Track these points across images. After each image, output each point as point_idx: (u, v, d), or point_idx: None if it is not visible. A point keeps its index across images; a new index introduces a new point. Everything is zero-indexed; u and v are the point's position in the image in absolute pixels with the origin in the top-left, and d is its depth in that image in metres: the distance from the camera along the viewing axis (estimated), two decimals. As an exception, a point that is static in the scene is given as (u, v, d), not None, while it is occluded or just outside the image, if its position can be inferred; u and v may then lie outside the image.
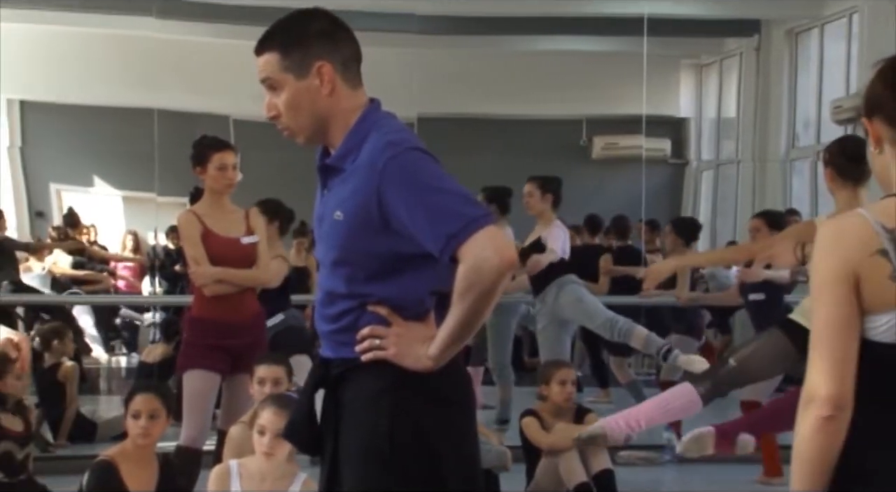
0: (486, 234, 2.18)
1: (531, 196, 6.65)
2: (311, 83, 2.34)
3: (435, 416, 2.31)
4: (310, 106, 2.35)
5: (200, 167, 4.86)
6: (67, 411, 6.89)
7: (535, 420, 5.46)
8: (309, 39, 2.34)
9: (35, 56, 12.08)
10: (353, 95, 2.38)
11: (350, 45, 2.40)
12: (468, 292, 2.20)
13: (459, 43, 11.78)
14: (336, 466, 2.37)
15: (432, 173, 2.25)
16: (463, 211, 2.19)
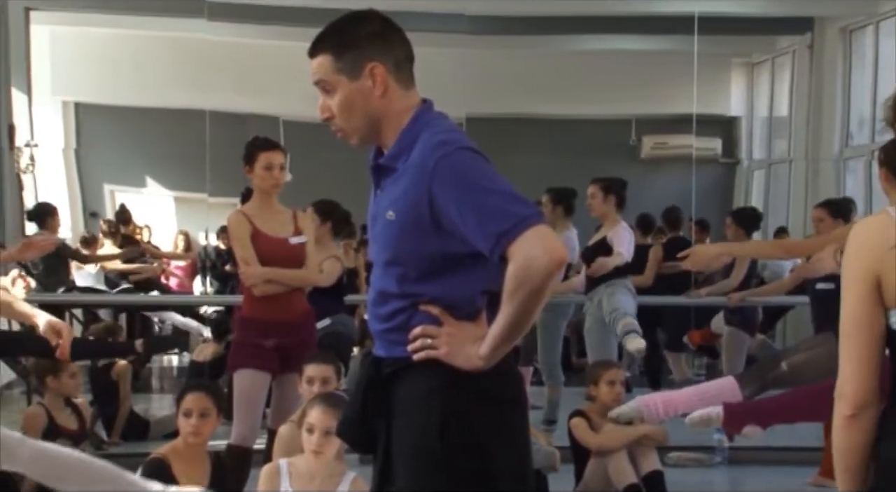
0: (535, 233, 2.18)
1: (594, 198, 6.61)
2: (363, 84, 2.36)
3: (486, 415, 2.31)
4: (363, 107, 2.37)
5: (248, 166, 4.90)
6: (121, 409, 6.98)
7: (584, 421, 5.44)
8: (361, 41, 2.36)
9: (89, 59, 12.26)
10: (405, 96, 2.40)
11: (402, 46, 2.41)
12: (517, 291, 2.20)
13: (509, 43, 11.76)
14: (388, 464, 2.38)
15: (482, 173, 2.26)
16: (513, 210, 2.20)
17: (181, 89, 11.90)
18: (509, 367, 2.40)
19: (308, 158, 9.93)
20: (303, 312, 5.04)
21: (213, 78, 11.20)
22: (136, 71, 12.19)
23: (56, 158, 12.52)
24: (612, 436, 5.33)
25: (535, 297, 2.21)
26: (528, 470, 2.39)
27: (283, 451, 4.32)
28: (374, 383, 2.41)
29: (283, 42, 11.53)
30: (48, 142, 11.98)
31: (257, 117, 11.87)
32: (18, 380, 8.14)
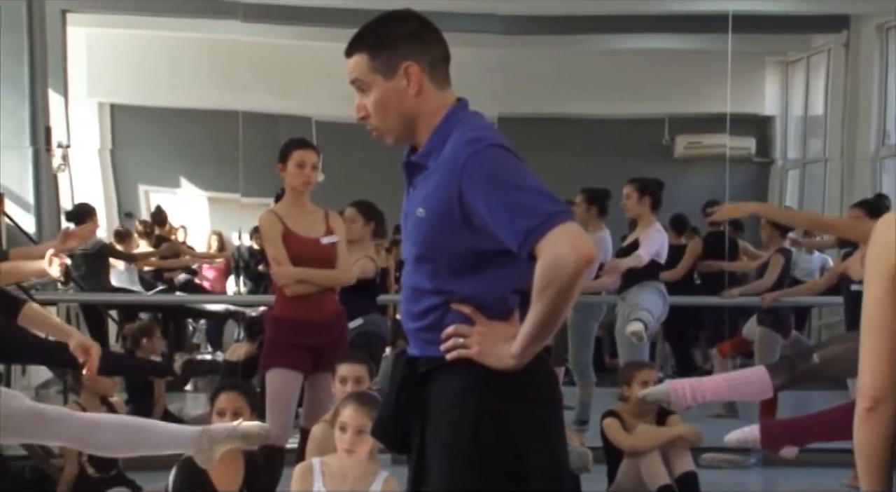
0: (563, 230, 2.17)
1: (629, 198, 6.59)
2: (398, 83, 2.38)
3: (519, 414, 2.30)
4: (397, 106, 2.39)
5: (282, 164, 4.93)
6: (155, 408, 7.03)
7: (617, 421, 5.42)
8: (397, 40, 2.38)
9: (125, 61, 12.35)
10: (440, 95, 2.41)
11: (438, 46, 2.43)
12: (546, 289, 2.19)
13: (541, 43, 11.74)
14: (422, 464, 2.39)
15: (512, 170, 2.25)
16: (542, 207, 2.19)
17: (215, 90, 11.97)
18: (543, 366, 2.39)
19: (340, 159, 9.97)
20: (334, 311, 5.06)
21: (247, 79, 11.26)
22: (171, 72, 12.27)
23: (92, 158, 12.64)
24: (645, 437, 5.31)
25: (563, 295, 2.19)
26: (562, 470, 2.38)
27: (316, 450, 4.34)
28: (409, 383, 2.41)
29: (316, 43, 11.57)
30: (84, 143, 12.10)
31: (290, 118, 11.92)
32: (55, 379, 8.22)
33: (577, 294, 2.22)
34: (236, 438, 3.59)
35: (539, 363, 2.35)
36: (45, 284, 8.85)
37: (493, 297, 2.34)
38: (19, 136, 9.11)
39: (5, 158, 8.77)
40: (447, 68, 2.45)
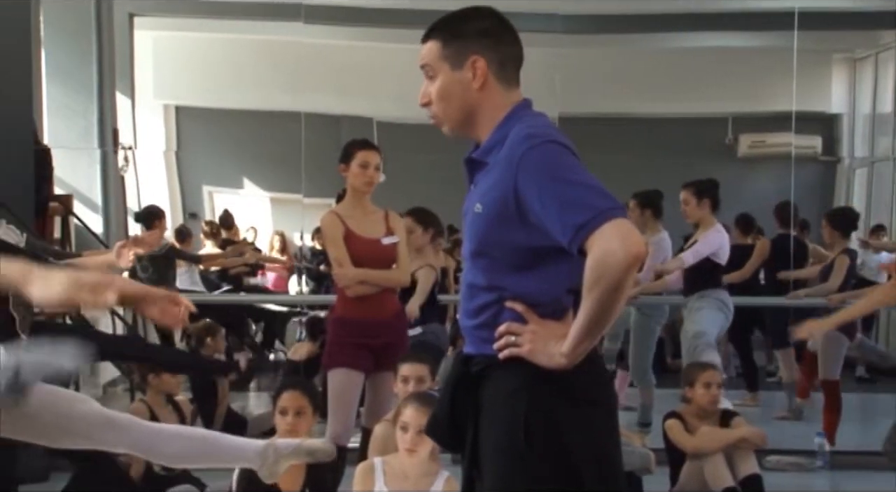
0: (613, 226, 2.15)
1: (687, 204, 6.51)
2: (464, 75, 2.42)
3: (571, 414, 2.30)
4: (460, 97, 2.43)
5: (344, 164, 4.96)
6: (219, 406, 7.11)
7: (679, 423, 5.37)
8: (470, 34, 2.43)
9: (189, 63, 12.52)
10: (505, 94, 2.43)
11: (511, 46, 2.46)
12: (595, 286, 2.17)
13: (603, 42, 11.68)
14: (475, 462, 2.40)
15: (567, 165, 2.26)
16: (593, 203, 2.18)
17: (278, 91, 12.07)
18: (596, 367, 2.38)
19: (401, 159, 9.99)
20: (395, 311, 5.07)
21: (309, 80, 11.34)
22: (235, 74, 12.41)
23: (157, 160, 12.83)
24: (708, 438, 5.26)
25: (612, 292, 2.17)
26: (616, 471, 2.36)
27: (377, 450, 4.36)
28: (463, 381, 2.43)
29: (378, 44, 11.62)
30: (149, 144, 12.28)
31: (351, 119, 11.99)
32: (122, 377, 8.35)
33: (626, 292, 2.20)
34: (301, 453, 3.61)
35: (591, 364, 2.33)
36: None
37: (547, 295, 2.34)
38: (87, 138, 9.27)
39: (74, 160, 8.93)
40: (517, 70, 2.47)
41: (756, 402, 8.41)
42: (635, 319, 7.29)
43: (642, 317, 7.20)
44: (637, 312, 7.28)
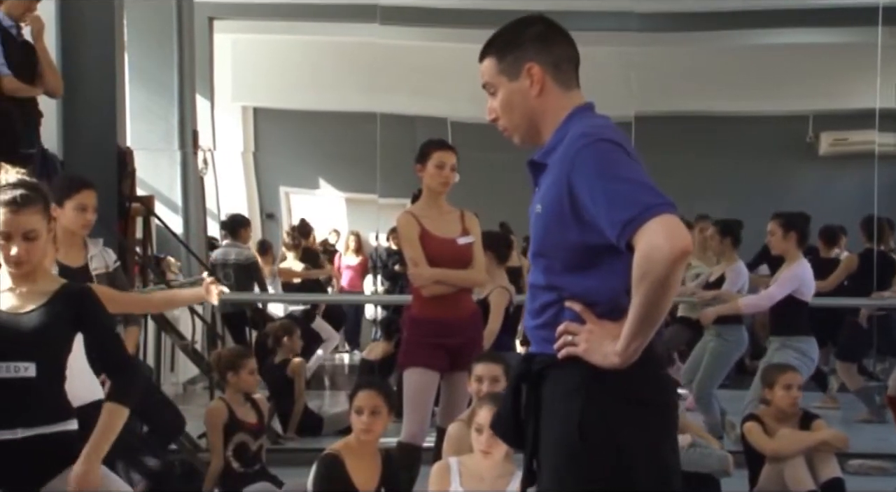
0: (660, 221, 2.15)
1: (773, 235, 6.28)
2: (522, 84, 2.45)
3: (625, 413, 2.30)
4: (521, 106, 2.46)
5: (421, 164, 4.97)
6: (296, 405, 7.18)
7: (758, 425, 5.30)
8: (521, 43, 2.45)
9: (267, 65, 12.67)
10: (564, 96, 2.45)
11: (564, 48, 2.47)
12: (641, 282, 2.17)
13: (679, 40, 11.55)
14: (535, 459, 2.43)
15: (618, 162, 2.27)
16: (640, 199, 2.18)
17: (353, 92, 12.16)
18: (652, 367, 2.36)
19: (476, 159, 9.98)
20: (471, 311, 5.07)
21: (385, 81, 11.40)
22: (311, 75, 12.53)
23: (235, 161, 13.01)
24: (787, 441, 5.18)
25: (659, 287, 2.16)
26: (672, 474, 2.35)
27: (452, 449, 4.36)
28: (525, 380, 2.46)
29: (453, 44, 11.63)
30: (228, 146, 12.46)
31: (426, 119, 12.02)
32: (201, 376, 8.49)
33: (674, 287, 2.18)
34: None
35: (647, 364, 2.31)
36: (193, 283, 9.16)
37: (604, 294, 2.34)
38: (168, 139, 9.43)
39: (155, 161, 9.10)
40: (574, 70, 2.48)
41: (836, 404, 8.26)
42: (713, 345, 7.09)
43: (721, 343, 7.02)
44: (717, 339, 7.07)
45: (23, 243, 3.07)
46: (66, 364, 3.18)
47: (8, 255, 3.09)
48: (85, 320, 3.19)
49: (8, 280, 3.14)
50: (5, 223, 3.07)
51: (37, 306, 3.11)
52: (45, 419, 3.09)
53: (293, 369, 7.18)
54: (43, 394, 3.10)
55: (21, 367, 3.04)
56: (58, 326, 3.12)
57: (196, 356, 7.62)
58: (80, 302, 3.18)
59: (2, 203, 3.09)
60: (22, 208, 3.08)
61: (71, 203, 4.39)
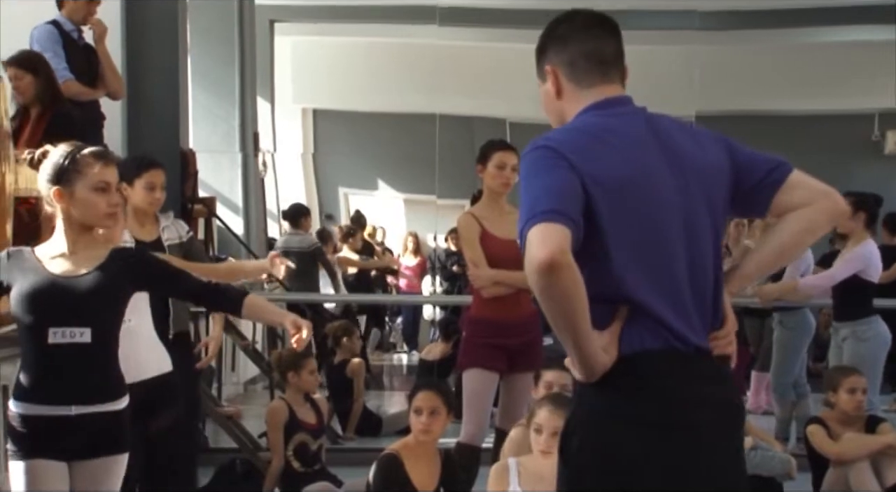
0: (533, 231, 2.09)
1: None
2: (548, 87, 2.41)
3: (592, 426, 2.26)
4: (550, 109, 2.43)
5: (481, 165, 4.97)
6: (355, 405, 7.21)
7: (822, 428, 5.21)
8: (545, 45, 2.42)
9: (327, 67, 12.76)
10: (581, 94, 2.37)
11: (582, 43, 2.37)
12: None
13: (742, 38, 11.43)
14: None
15: (538, 170, 2.19)
16: (532, 207, 2.12)
17: (412, 94, 12.20)
18: (626, 381, 2.21)
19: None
20: (530, 313, 5.05)
21: (443, 82, 11.42)
22: (370, 77, 12.59)
23: (295, 162, 13.12)
24: (852, 445, 5.10)
25: (541, 299, 2.10)
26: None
27: (511, 453, 4.35)
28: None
29: (511, 44, 11.59)
30: (288, 147, 12.56)
31: (484, 119, 12.03)
32: (262, 375, 8.56)
33: (554, 296, 2.07)
34: None
35: (620, 378, 2.20)
36: (252, 283, 9.25)
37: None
38: (230, 141, 9.53)
39: (217, 163, 9.19)
40: (596, 64, 2.36)
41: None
42: (777, 334, 7.00)
43: (784, 332, 6.93)
44: (779, 327, 6.99)
45: (116, 194, 3.15)
46: (119, 334, 3.20)
47: (107, 205, 3.13)
48: (143, 274, 3.24)
49: (62, 245, 3.16)
50: (103, 173, 3.12)
51: (91, 269, 3.13)
52: (99, 396, 3.12)
53: (353, 369, 7.21)
54: (97, 363, 3.11)
55: (77, 332, 3.06)
56: (113, 287, 3.14)
57: (257, 356, 7.69)
58: (131, 260, 3.22)
59: (93, 156, 3.13)
60: (111, 162, 3.16)
61: (140, 182, 4.50)
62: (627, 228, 2.20)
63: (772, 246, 2.38)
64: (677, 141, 2.32)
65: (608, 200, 2.18)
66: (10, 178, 4.83)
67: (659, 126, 2.33)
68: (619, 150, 2.25)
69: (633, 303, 2.20)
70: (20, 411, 3.10)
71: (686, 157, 2.30)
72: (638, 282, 2.20)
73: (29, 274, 3.10)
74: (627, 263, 2.20)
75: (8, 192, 4.80)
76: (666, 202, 2.25)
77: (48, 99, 5.39)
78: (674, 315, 2.22)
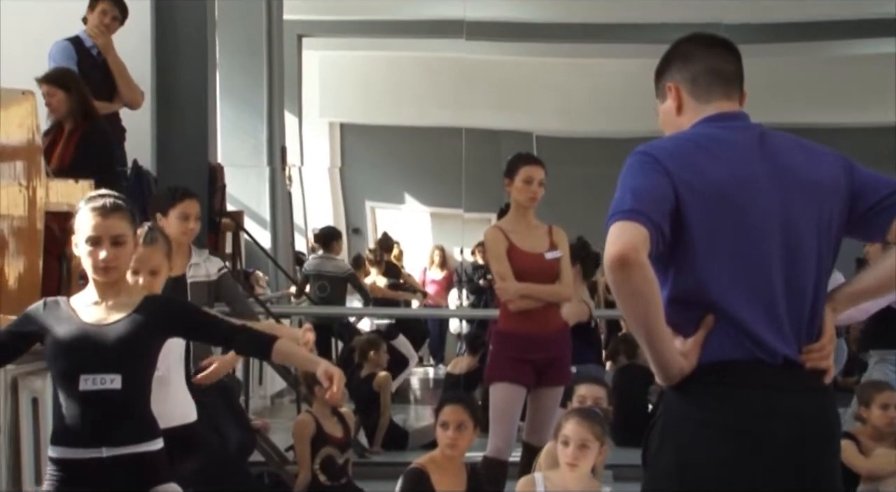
0: (611, 230, 2.16)
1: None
2: (668, 105, 2.47)
3: (672, 429, 2.29)
4: (670, 125, 2.47)
5: (509, 179, 4.98)
6: (381, 419, 7.21)
7: (853, 444, 5.17)
8: (666, 65, 2.49)
9: (354, 82, 12.81)
10: (700, 109, 2.43)
11: (704, 60, 2.45)
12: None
13: (770, 51, 11.38)
14: None
15: (632, 173, 2.26)
16: (616, 207, 2.20)
17: (439, 108, 12.22)
18: (711, 386, 2.26)
19: (560, 173, 9.93)
20: (558, 326, 5.05)
21: (470, 96, 11.45)
22: (397, 91, 12.64)
23: (322, 176, 13.17)
24: (884, 461, 5.05)
25: (616, 293, 2.19)
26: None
27: (548, 465, 4.33)
28: None
29: (538, 58, 11.64)
30: (315, 161, 12.61)
31: (511, 133, 12.03)
32: (289, 389, 8.57)
33: (628, 294, 2.15)
34: None
35: (695, 383, 2.25)
36: (280, 297, 9.28)
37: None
38: (258, 156, 9.58)
39: (245, 177, 9.25)
40: (718, 80, 2.43)
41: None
42: None
43: None
44: None
45: (111, 249, 3.12)
46: (151, 379, 3.22)
47: (97, 260, 3.14)
48: (174, 321, 3.25)
49: (93, 294, 3.20)
50: (95, 228, 3.13)
51: (122, 317, 3.16)
52: (130, 438, 3.11)
53: (379, 383, 7.22)
54: (128, 409, 3.12)
55: (107, 379, 3.07)
56: (143, 335, 3.16)
57: (283, 370, 7.71)
58: (163, 307, 3.23)
59: (91, 209, 3.16)
60: (111, 213, 3.13)
61: (174, 212, 4.49)
62: (721, 235, 2.24)
63: (886, 268, 2.34)
64: (788, 157, 2.35)
65: (703, 208, 2.23)
66: (41, 192, 4.88)
67: (772, 141, 2.37)
68: (722, 159, 2.29)
69: (718, 310, 2.23)
70: (54, 455, 3.13)
71: (796, 173, 2.32)
72: (725, 289, 2.23)
73: (63, 323, 3.14)
74: (716, 271, 2.24)
75: (39, 206, 4.85)
76: (765, 215, 2.27)
77: (80, 115, 5.45)
78: (763, 326, 2.24)
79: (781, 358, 2.24)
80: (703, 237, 2.22)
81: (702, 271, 2.23)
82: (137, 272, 3.51)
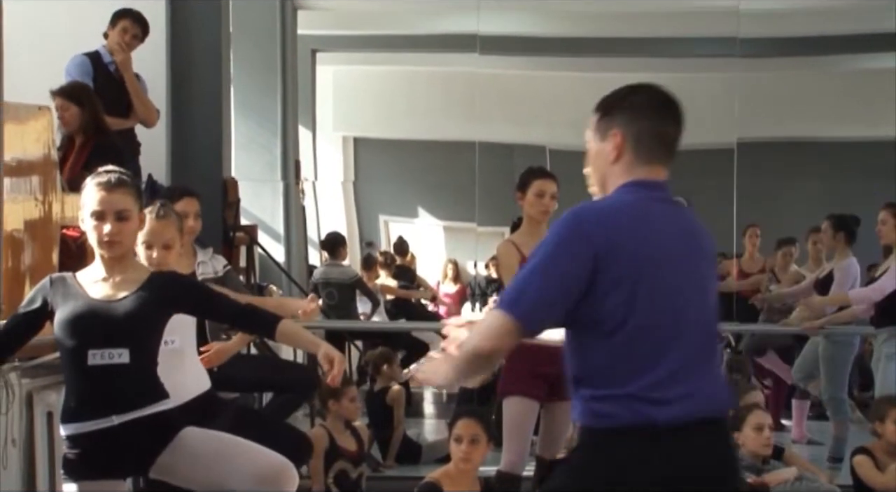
0: (490, 315, 2.43)
1: (885, 224, 6.19)
2: (605, 147, 2.55)
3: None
4: (599, 167, 2.58)
5: (521, 192, 4.99)
6: (395, 432, 7.20)
7: (869, 459, 5.15)
8: (619, 109, 2.55)
9: (367, 96, 12.84)
10: (634, 169, 2.52)
11: (654, 123, 2.53)
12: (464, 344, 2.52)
13: (783, 65, 11.35)
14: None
15: (549, 250, 2.46)
16: (507, 294, 2.46)
17: (453, 121, 12.23)
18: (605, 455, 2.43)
19: (574, 187, 9.91)
20: (571, 340, 5.04)
21: (483, 109, 11.45)
22: (410, 105, 12.66)
23: (335, 190, 13.18)
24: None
25: (461, 365, 2.50)
26: None
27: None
28: None
29: (551, 73, 11.63)
30: (328, 175, 12.63)
31: (524, 147, 12.02)
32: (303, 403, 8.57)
33: (471, 371, 2.52)
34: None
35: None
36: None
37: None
38: (271, 170, 9.61)
39: (259, 191, 9.27)
40: (659, 147, 2.53)
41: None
42: (824, 348, 6.99)
43: (832, 346, 6.90)
44: (826, 342, 6.97)
45: (115, 223, 3.15)
46: (157, 351, 3.24)
47: (101, 234, 3.16)
48: (180, 298, 3.28)
49: (100, 270, 3.21)
50: (99, 202, 3.16)
51: (129, 293, 3.18)
52: (138, 403, 3.15)
53: (392, 397, 7.21)
54: (135, 379, 3.16)
55: (115, 353, 3.11)
56: (149, 311, 3.19)
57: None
58: (169, 284, 3.27)
59: (95, 184, 3.19)
60: (115, 188, 3.17)
61: None
62: (644, 304, 2.37)
63: None
64: (697, 230, 2.56)
65: (625, 278, 2.37)
66: (56, 207, 4.91)
67: (684, 214, 2.58)
68: (652, 232, 2.43)
69: (621, 375, 2.38)
70: (67, 433, 3.17)
71: (703, 243, 2.57)
72: (634, 360, 2.37)
73: (70, 300, 3.16)
74: (628, 339, 2.38)
75: (54, 220, 4.88)
76: (685, 285, 2.44)
77: (92, 129, 5.48)
78: (662, 391, 2.37)
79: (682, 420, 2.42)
80: (620, 304, 2.37)
81: (614, 339, 2.39)
82: (151, 246, 3.61)
